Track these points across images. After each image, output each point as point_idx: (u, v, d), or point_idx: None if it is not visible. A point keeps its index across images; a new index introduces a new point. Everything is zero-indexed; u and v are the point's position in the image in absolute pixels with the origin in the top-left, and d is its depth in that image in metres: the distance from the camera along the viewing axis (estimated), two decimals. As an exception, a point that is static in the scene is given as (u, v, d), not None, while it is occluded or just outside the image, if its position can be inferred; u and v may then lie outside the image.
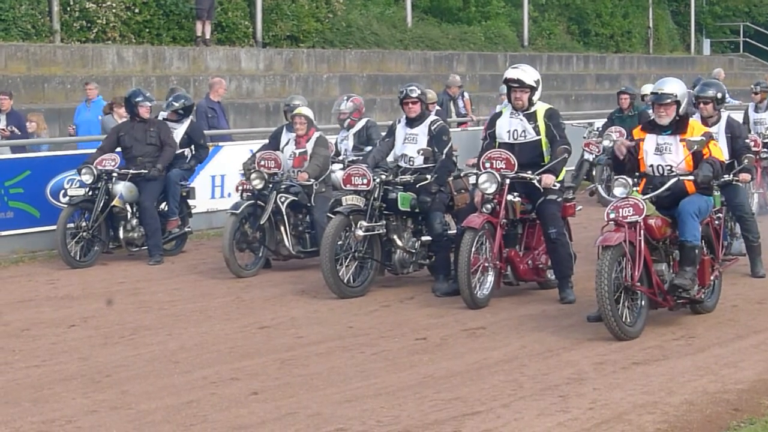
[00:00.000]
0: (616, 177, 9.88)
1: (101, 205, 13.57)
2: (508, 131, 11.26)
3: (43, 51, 20.41)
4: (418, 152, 11.84)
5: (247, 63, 24.04)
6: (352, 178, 11.66)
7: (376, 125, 14.18)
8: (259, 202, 12.95)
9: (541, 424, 7.36)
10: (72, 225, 13.54)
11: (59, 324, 10.58)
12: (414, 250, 11.93)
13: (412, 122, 12.04)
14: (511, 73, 11.23)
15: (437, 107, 17.88)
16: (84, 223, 13.58)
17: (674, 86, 10.16)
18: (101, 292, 12.07)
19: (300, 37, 26.03)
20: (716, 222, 10.52)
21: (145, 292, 12.15)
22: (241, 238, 12.86)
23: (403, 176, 11.81)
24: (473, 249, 10.67)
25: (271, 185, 12.99)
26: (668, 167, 10.07)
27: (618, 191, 9.73)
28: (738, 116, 14.82)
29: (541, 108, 11.29)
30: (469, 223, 10.74)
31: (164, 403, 7.93)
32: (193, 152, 14.62)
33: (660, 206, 9.91)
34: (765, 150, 15.12)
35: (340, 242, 11.52)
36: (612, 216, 9.64)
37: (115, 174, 13.72)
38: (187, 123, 14.65)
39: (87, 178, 13.61)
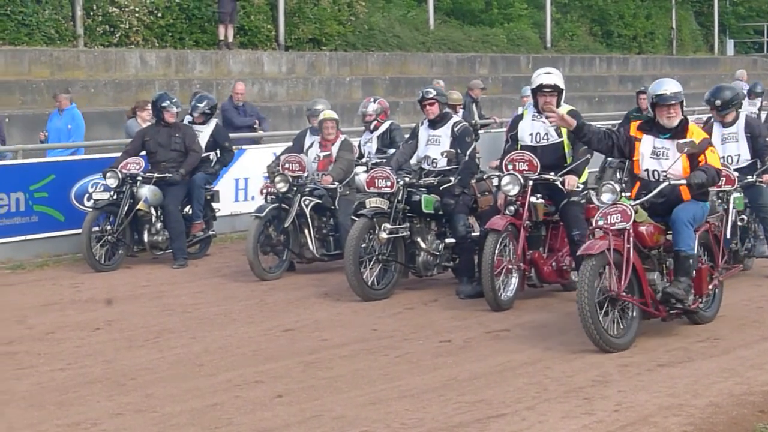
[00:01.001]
0: (603, 183, 9.54)
1: (126, 208, 13.61)
2: (531, 134, 11.22)
3: (66, 55, 20.48)
4: (442, 154, 11.84)
5: (270, 66, 24.06)
6: (376, 180, 11.66)
7: (400, 128, 14.19)
8: (283, 205, 12.97)
9: (566, 427, 7.34)
10: (97, 229, 13.59)
11: (84, 327, 10.61)
12: (438, 253, 11.92)
13: (434, 124, 12.03)
14: (546, 79, 11.05)
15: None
16: (109, 227, 13.63)
17: (675, 86, 9.73)
18: (125, 295, 12.12)
19: (322, 40, 26.04)
20: (717, 229, 10.08)
21: (169, 295, 12.19)
22: (265, 241, 12.88)
23: (426, 178, 11.81)
24: (497, 251, 10.66)
25: (295, 188, 13.01)
26: (664, 173, 9.61)
27: (606, 197, 9.34)
28: (760, 117, 14.76)
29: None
30: (492, 225, 10.72)
31: (189, 406, 7.95)
32: (218, 156, 14.66)
33: (654, 213, 9.50)
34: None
35: (363, 245, 11.53)
36: (600, 223, 9.27)
37: (139, 178, 13.75)
38: (212, 125, 14.70)
39: (112, 182, 13.64)
